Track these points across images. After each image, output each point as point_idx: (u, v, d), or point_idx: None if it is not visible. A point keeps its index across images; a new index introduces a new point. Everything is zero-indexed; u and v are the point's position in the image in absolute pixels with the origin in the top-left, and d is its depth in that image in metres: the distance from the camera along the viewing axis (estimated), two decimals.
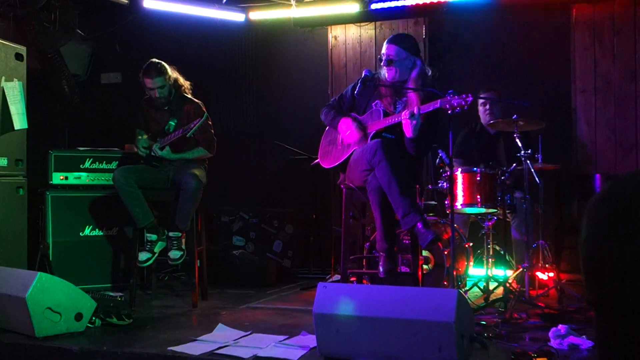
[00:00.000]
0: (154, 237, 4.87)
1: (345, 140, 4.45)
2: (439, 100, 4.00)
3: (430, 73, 4.48)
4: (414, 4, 6.42)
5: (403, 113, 4.14)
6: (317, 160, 4.75)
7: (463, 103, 3.88)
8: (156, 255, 4.89)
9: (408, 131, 4.10)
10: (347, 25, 6.93)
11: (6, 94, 4.85)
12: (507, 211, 4.85)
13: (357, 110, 4.53)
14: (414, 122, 4.06)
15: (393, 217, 4.12)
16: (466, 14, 6.60)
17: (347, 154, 4.40)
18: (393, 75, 4.37)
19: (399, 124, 4.20)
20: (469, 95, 3.89)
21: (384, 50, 4.40)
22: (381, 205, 4.09)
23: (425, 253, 4.72)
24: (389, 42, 4.41)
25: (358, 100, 4.50)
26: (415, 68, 4.34)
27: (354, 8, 6.54)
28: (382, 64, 4.41)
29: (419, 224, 3.94)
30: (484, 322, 3.92)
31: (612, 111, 6.10)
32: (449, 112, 3.94)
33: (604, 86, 6.12)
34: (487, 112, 5.54)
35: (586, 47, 6.17)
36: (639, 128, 5.90)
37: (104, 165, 5.45)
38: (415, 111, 4.06)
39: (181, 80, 5.15)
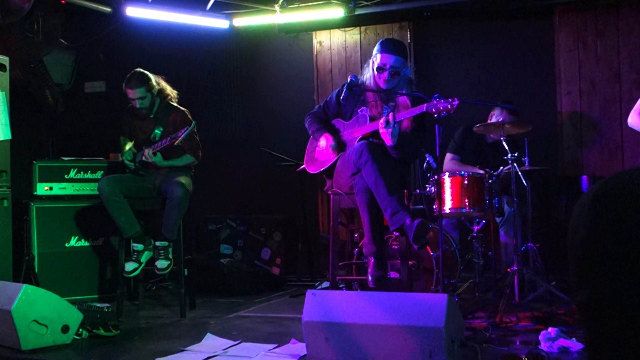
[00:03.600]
0: (140, 246, 4.85)
1: (316, 154, 4.45)
2: (424, 105, 3.99)
3: (411, 75, 4.48)
4: (398, 8, 6.43)
5: (379, 121, 4.12)
6: (303, 166, 4.75)
7: (449, 107, 3.89)
8: (143, 265, 4.87)
9: (386, 139, 4.09)
10: (332, 30, 6.94)
11: None
12: (495, 214, 4.87)
13: (343, 116, 4.52)
14: (389, 130, 4.04)
15: (381, 220, 4.11)
16: (450, 17, 6.63)
17: (333, 159, 4.39)
18: (394, 85, 4.34)
19: None
20: (455, 99, 3.90)
21: (383, 60, 4.28)
22: (369, 206, 4.07)
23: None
24: (392, 52, 4.29)
25: (344, 106, 4.49)
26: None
27: (339, 13, 6.55)
28: (382, 73, 4.30)
29: (407, 220, 3.91)
30: (474, 327, 3.93)
31: (597, 113, 6.14)
32: (435, 115, 3.95)
33: (589, 88, 6.16)
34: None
35: (570, 50, 6.21)
36: (624, 129, 5.93)
37: (89, 175, 5.42)
38: (390, 119, 4.05)
39: (168, 89, 5.15)
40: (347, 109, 4.48)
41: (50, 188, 5.31)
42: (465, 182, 4.69)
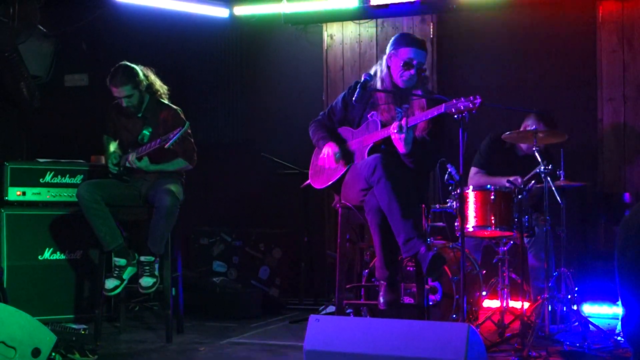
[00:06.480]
0: (123, 261, 4.86)
1: (322, 167, 4.46)
2: (442, 105, 4.01)
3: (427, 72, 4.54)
4: None
5: (391, 126, 4.14)
6: (307, 182, 4.77)
7: (471, 106, 3.89)
8: (125, 282, 4.88)
9: (399, 146, 4.10)
10: (344, 22, 6.97)
11: None
12: (525, 235, 4.87)
13: (351, 122, 4.53)
14: (402, 135, 4.06)
15: (394, 241, 4.12)
16: (479, 11, 6.64)
17: (341, 172, 4.40)
18: (413, 83, 4.39)
19: None
20: (477, 97, 3.90)
21: (410, 55, 4.31)
22: (381, 227, 4.09)
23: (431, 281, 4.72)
24: (419, 47, 4.35)
25: (351, 111, 4.50)
26: None
27: (353, 3, 6.59)
28: (408, 70, 4.33)
29: (422, 248, 3.94)
30: None
31: None
32: (455, 116, 3.96)
33: (634, 94, 6.16)
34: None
35: (614, 50, 6.22)
36: None
37: (67, 180, 5.45)
38: (403, 123, 4.07)
39: (157, 84, 5.16)
40: (354, 114, 4.49)
41: (23, 193, 5.34)
42: (492, 197, 4.69)
